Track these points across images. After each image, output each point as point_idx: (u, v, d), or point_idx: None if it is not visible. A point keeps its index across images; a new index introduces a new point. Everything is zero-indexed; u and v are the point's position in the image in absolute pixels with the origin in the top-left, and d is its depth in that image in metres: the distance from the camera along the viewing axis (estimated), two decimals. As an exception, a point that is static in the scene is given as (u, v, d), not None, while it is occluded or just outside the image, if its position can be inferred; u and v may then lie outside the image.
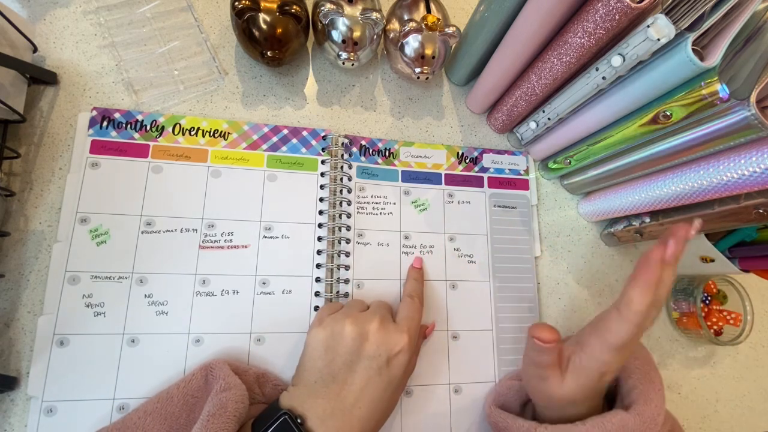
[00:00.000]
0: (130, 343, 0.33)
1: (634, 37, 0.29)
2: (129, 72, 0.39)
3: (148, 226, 0.36)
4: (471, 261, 0.42)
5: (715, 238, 0.40)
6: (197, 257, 0.36)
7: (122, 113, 0.37)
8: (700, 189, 0.33)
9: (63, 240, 0.34)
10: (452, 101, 0.47)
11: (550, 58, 0.35)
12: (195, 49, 0.41)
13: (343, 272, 0.39)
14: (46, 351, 0.32)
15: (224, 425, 0.27)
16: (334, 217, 0.40)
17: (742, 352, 0.48)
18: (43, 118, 0.37)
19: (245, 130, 0.40)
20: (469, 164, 0.45)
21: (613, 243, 0.46)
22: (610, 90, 0.34)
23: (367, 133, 0.43)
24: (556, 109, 0.39)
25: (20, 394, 0.32)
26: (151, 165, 0.37)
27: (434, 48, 0.39)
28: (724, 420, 0.45)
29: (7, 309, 0.33)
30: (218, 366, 0.31)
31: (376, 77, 0.45)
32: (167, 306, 0.35)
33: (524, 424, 0.32)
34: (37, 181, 0.35)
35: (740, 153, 0.30)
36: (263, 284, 0.37)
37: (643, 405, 0.30)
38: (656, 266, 0.27)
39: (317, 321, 0.33)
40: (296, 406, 0.29)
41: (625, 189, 0.40)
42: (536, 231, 0.45)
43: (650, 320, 0.28)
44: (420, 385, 0.38)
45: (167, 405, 0.30)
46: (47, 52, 0.38)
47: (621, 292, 0.28)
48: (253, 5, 0.35)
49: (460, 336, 0.40)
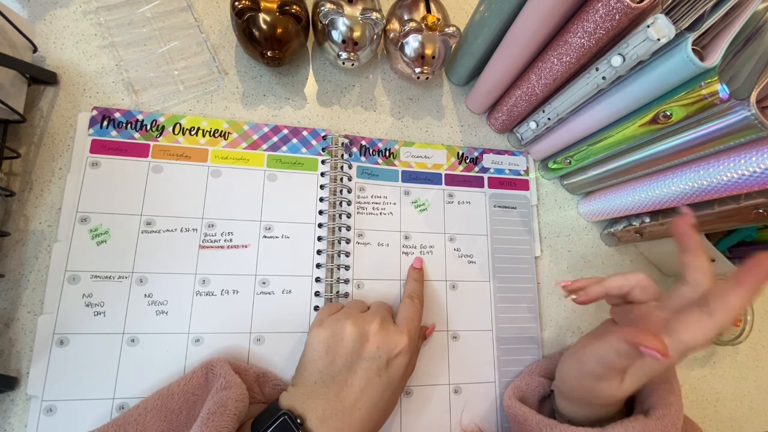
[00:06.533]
0: (130, 343, 0.33)
1: (634, 37, 0.29)
2: (129, 72, 0.39)
3: (148, 226, 0.36)
4: (471, 261, 0.42)
5: (715, 238, 0.40)
6: (197, 257, 0.36)
7: (122, 113, 0.37)
8: (700, 189, 0.33)
9: (63, 240, 0.34)
10: (452, 101, 0.47)
11: (550, 58, 0.35)
12: (195, 49, 0.41)
13: (343, 272, 0.39)
14: (46, 351, 0.32)
15: (224, 423, 0.27)
16: (334, 217, 0.40)
17: (742, 352, 0.48)
18: (43, 118, 0.37)
19: (245, 130, 0.40)
20: (469, 164, 0.45)
21: (613, 243, 0.46)
22: (610, 90, 0.34)
23: (367, 133, 0.43)
24: (556, 109, 0.39)
25: (20, 394, 0.32)
26: (151, 165, 0.37)
27: (434, 48, 0.39)
28: (724, 420, 0.45)
29: (7, 309, 0.33)
30: (219, 364, 0.31)
31: (376, 77, 0.45)
32: (167, 306, 0.35)
33: (544, 421, 0.32)
34: (37, 181, 0.35)
35: (740, 153, 0.30)
36: (263, 284, 0.37)
37: (662, 409, 0.29)
38: (761, 271, 0.24)
39: (318, 321, 0.33)
40: (296, 406, 0.29)
41: (625, 189, 0.40)
42: (536, 231, 0.45)
43: None
44: (420, 385, 0.38)
45: (168, 402, 0.30)
46: (47, 52, 0.38)
47: (710, 292, 0.25)
48: (253, 5, 0.35)
49: (460, 336, 0.40)
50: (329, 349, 0.31)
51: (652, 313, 0.28)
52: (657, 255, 0.47)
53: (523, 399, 0.36)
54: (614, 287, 0.30)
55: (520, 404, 0.35)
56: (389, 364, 0.31)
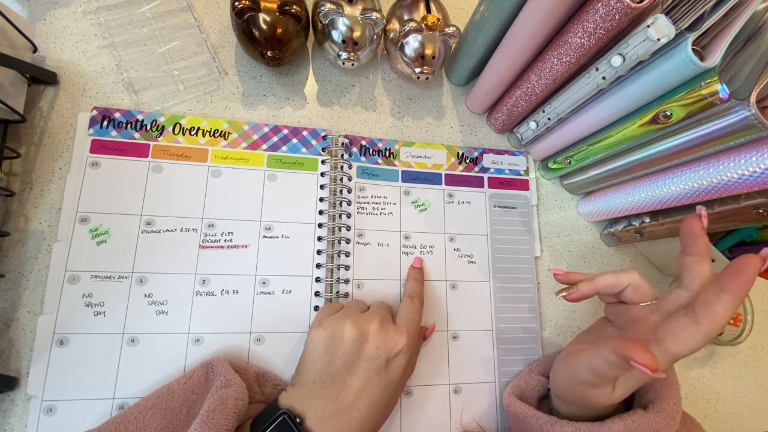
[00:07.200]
0: (130, 343, 0.33)
1: (634, 37, 0.29)
2: (129, 72, 0.39)
3: (148, 226, 0.36)
4: (471, 261, 0.42)
5: (715, 238, 0.40)
6: (197, 257, 0.36)
7: (122, 113, 0.37)
8: (700, 189, 0.33)
9: (63, 240, 0.34)
10: (452, 101, 0.47)
11: (550, 58, 0.35)
12: (195, 49, 0.41)
13: (343, 272, 0.39)
14: (46, 351, 0.32)
15: (224, 421, 0.27)
16: (334, 217, 0.40)
17: (742, 352, 0.48)
18: (43, 118, 0.37)
19: (245, 130, 0.40)
20: (469, 164, 0.45)
21: (613, 243, 0.46)
22: (610, 90, 0.34)
23: (367, 133, 0.43)
24: (556, 109, 0.39)
25: (20, 394, 0.32)
26: (151, 165, 0.37)
27: (434, 48, 0.39)
28: (724, 420, 0.45)
29: (7, 309, 0.33)
30: (219, 363, 0.31)
31: (376, 77, 0.45)
32: (167, 306, 0.35)
33: (543, 418, 0.32)
34: (37, 181, 0.35)
35: (740, 153, 0.30)
36: (263, 284, 0.37)
37: (661, 403, 0.29)
38: (753, 277, 0.23)
39: (317, 322, 0.33)
40: (295, 406, 0.29)
41: (625, 189, 0.40)
42: (536, 231, 0.45)
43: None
44: (420, 385, 0.38)
45: (168, 400, 0.30)
46: (47, 52, 0.38)
47: (698, 300, 0.25)
48: (253, 5, 0.35)
49: (460, 336, 0.40)
50: (328, 349, 0.31)
51: (645, 318, 0.28)
52: (657, 255, 0.47)
53: (522, 397, 0.36)
54: (605, 286, 0.30)
55: (519, 402, 0.35)
56: (388, 364, 0.31)
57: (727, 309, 0.23)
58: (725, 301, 0.23)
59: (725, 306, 0.23)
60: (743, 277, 0.23)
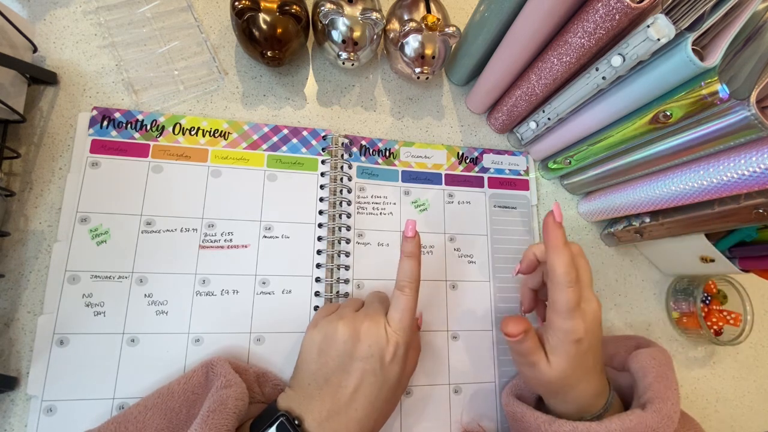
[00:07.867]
0: (130, 343, 0.33)
1: (634, 37, 0.29)
2: (129, 72, 0.39)
3: (148, 226, 0.36)
4: (471, 261, 0.42)
5: (715, 238, 0.40)
6: (197, 257, 0.36)
7: (122, 113, 0.37)
8: (700, 189, 0.33)
9: (63, 240, 0.34)
10: (452, 101, 0.47)
11: (550, 58, 0.35)
12: (195, 49, 0.41)
13: (343, 272, 0.39)
14: (46, 351, 0.32)
15: (224, 421, 0.27)
16: (334, 217, 0.40)
17: (742, 352, 0.48)
18: (43, 118, 0.37)
19: (245, 130, 0.40)
20: (469, 164, 0.45)
21: (613, 243, 0.46)
22: (610, 90, 0.34)
23: (367, 133, 0.43)
24: (556, 109, 0.39)
25: (20, 394, 0.32)
26: (151, 165, 0.37)
27: (434, 48, 0.39)
28: (724, 420, 0.45)
29: (7, 309, 0.33)
30: (219, 363, 0.31)
31: (376, 77, 0.45)
32: (167, 306, 0.35)
33: (541, 417, 0.32)
34: (37, 181, 0.35)
35: (740, 153, 0.30)
36: (263, 284, 0.37)
37: (659, 403, 0.30)
38: (555, 228, 0.31)
39: (312, 324, 0.33)
40: (293, 408, 0.29)
41: (625, 189, 0.40)
42: (536, 231, 0.45)
43: (585, 279, 0.31)
44: (420, 385, 0.38)
45: (168, 400, 0.30)
46: (47, 52, 0.38)
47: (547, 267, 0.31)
48: (253, 5, 0.35)
49: (460, 336, 0.40)
50: (321, 351, 0.31)
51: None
52: (657, 255, 0.47)
53: (520, 397, 0.36)
54: (537, 253, 0.35)
55: (517, 402, 0.35)
56: (383, 363, 0.30)
57: (556, 258, 0.30)
58: (550, 254, 0.30)
59: (551, 257, 0.30)
60: (546, 230, 0.31)
